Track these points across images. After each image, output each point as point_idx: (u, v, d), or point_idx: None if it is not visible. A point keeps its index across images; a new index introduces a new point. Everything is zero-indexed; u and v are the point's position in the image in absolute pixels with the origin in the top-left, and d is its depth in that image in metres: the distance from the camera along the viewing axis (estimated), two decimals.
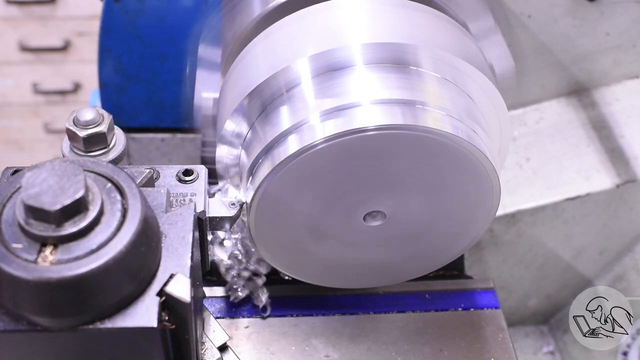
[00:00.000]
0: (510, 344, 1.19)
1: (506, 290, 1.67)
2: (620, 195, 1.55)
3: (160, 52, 1.49)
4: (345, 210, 1.08)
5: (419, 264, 1.20)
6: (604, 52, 1.55)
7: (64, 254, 0.77)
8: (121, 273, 0.78)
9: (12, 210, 0.80)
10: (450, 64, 1.06)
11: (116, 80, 1.52)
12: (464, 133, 1.01)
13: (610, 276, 1.66)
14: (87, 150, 0.98)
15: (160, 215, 0.89)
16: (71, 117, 0.97)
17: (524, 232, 1.57)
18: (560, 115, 1.62)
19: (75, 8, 3.01)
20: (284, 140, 1.02)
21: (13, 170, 0.93)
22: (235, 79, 1.13)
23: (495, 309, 1.24)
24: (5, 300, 0.79)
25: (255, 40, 1.13)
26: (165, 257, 0.85)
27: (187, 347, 0.88)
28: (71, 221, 0.77)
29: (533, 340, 1.79)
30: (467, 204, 1.10)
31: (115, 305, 0.79)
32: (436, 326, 1.22)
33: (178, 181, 1.00)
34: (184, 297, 0.81)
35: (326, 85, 1.04)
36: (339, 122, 0.99)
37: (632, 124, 1.58)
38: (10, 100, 3.22)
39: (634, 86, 1.61)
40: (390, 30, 1.06)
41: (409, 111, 1.00)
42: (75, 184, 0.77)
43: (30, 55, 3.12)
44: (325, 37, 1.06)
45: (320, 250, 1.14)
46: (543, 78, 1.59)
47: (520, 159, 1.58)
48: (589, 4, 1.45)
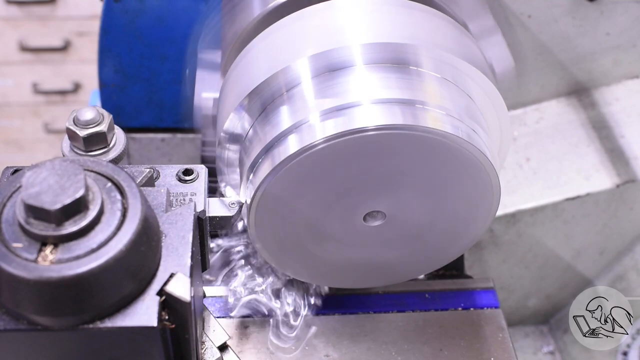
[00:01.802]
0: (510, 344, 1.19)
1: (506, 290, 1.67)
2: (620, 195, 1.55)
3: (160, 52, 1.49)
4: (345, 210, 1.08)
5: (419, 263, 1.20)
6: (604, 52, 1.55)
7: (64, 253, 0.77)
8: (121, 272, 0.78)
9: (12, 209, 0.80)
10: (450, 64, 1.06)
11: (116, 80, 1.53)
12: (464, 133, 1.01)
13: (610, 276, 1.66)
14: (87, 150, 0.97)
15: (160, 214, 0.89)
16: (71, 116, 0.97)
17: (524, 232, 1.57)
18: (560, 115, 1.62)
19: (75, 8, 3.01)
20: (284, 140, 1.02)
21: (13, 169, 0.93)
22: (236, 79, 1.13)
23: (495, 308, 1.24)
24: (6, 300, 0.79)
25: (255, 40, 1.13)
26: (165, 256, 0.85)
27: (187, 346, 0.89)
28: (71, 220, 0.77)
29: (533, 340, 1.78)
30: (467, 204, 1.10)
31: (115, 304, 0.79)
32: (436, 326, 1.22)
33: (178, 181, 1.00)
34: (184, 297, 0.81)
35: (326, 85, 1.04)
36: (339, 122, 0.99)
37: (632, 124, 1.58)
38: (10, 100, 3.22)
39: (634, 86, 1.61)
40: (390, 30, 1.06)
41: (409, 111, 1.00)
42: (76, 183, 0.77)
43: (30, 55, 3.12)
44: (325, 37, 1.06)
45: (320, 250, 1.13)
46: (543, 78, 1.59)
47: (520, 159, 1.58)
48: (589, 4, 1.45)
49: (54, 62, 3.14)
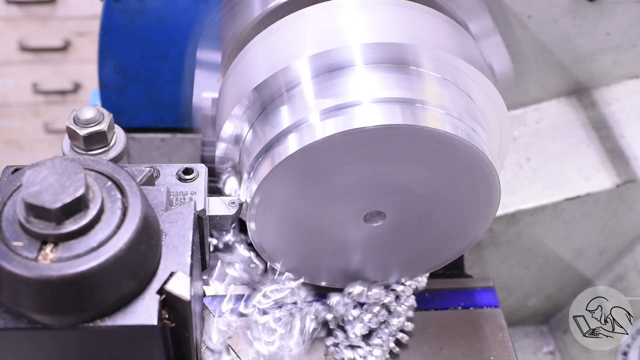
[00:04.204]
0: (510, 343, 1.19)
1: (506, 290, 1.67)
2: (620, 195, 1.55)
3: (160, 52, 1.49)
4: (345, 210, 1.08)
5: (419, 263, 1.20)
6: (604, 52, 1.55)
7: (65, 252, 0.77)
8: (121, 271, 0.78)
9: (12, 208, 0.80)
10: (450, 64, 1.06)
11: (116, 80, 1.53)
12: (464, 132, 1.01)
13: (610, 276, 1.66)
14: (88, 149, 0.98)
15: (161, 213, 0.89)
16: (71, 115, 0.97)
17: (524, 232, 1.57)
18: (560, 115, 1.62)
19: (75, 8, 3.01)
20: (284, 139, 1.02)
21: (13, 168, 0.93)
22: (235, 79, 1.13)
23: (494, 307, 1.24)
24: (6, 298, 0.79)
25: (255, 40, 1.13)
26: (165, 255, 0.85)
27: (187, 345, 0.89)
28: (71, 219, 0.77)
29: (533, 340, 1.79)
30: (467, 204, 1.10)
31: (115, 303, 0.80)
32: (436, 325, 1.22)
33: (178, 180, 1.01)
34: (184, 295, 0.81)
35: (326, 85, 1.04)
36: (339, 121, 0.99)
37: (632, 124, 1.58)
38: (10, 100, 3.22)
39: (634, 86, 1.62)
40: (390, 30, 1.06)
41: (409, 110, 1.00)
42: (76, 182, 0.77)
43: (30, 55, 3.12)
44: (325, 37, 1.06)
45: (320, 250, 1.14)
46: (543, 78, 1.59)
47: (520, 159, 1.58)
48: (589, 4, 1.45)
49: (54, 62, 3.14)
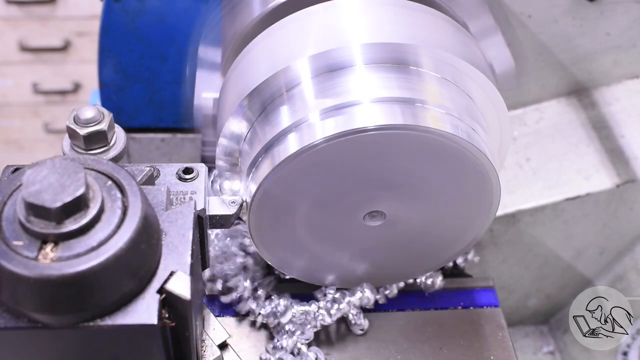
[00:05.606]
0: (510, 342, 1.19)
1: (506, 290, 1.67)
2: (620, 195, 1.55)
3: (160, 52, 1.49)
4: (345, 210, 1.08)
5: (419, 263, 1.20)
6: (604, 52, 1.55)
7: (65, 252, 0.77)
8: (121, 270, 0.78)
9: (12, 207, 0.80)
10: (450, 64, 1.06)
11: (116, 80, 1.53)
12: (464, 132, 1.01)
13: (610, 276, 1.66)
14: (88, 148, 0.98)
15: (161, 213, 0.89)
16: (72, 115, 0.98)
17: (524, 232, 1.57)
18: (560, 115, 1.62)
19: (75, 8, 3.01)
20: (284, 139, 1.02)
21: (13, 168, 0.93)
22: (236, 79, 1.13)
23: (494, 307, 1.24)
24: (6, 298, 0.79)
25: (255, 40, 1.13)
26: (165, 254, 0.85)
27: (187, 344, 0.89)
28: (72, 219, 0.77)
29: (533, 340, 1.79)
30: (467, 204, 1.10)
31: (115, 302, 0.79)
32: (436, 324, 1.22)
33: (178, 179, 1.01)
34: (184, 295, 0.81)
35: (326, 85, 1.04)
36: (339, 121, 0.99)
37: (632, 124, 1.58)
38: (10, 100, 3.22)
39: (634, 86, 1.61)
40: (390, 30, 1.07)
41: (409, 110, 1.00)
42: (76, 181, 0.77)
43: (30, 55, 3.12)
44: (325, 37, 1.06)
45: (320, 250, 1.14)
46: (543, 78, 1.59)
47: (520, 159, 1.58)
48: (589, 4, 1.45)
49: (54, 62, 3.14)
